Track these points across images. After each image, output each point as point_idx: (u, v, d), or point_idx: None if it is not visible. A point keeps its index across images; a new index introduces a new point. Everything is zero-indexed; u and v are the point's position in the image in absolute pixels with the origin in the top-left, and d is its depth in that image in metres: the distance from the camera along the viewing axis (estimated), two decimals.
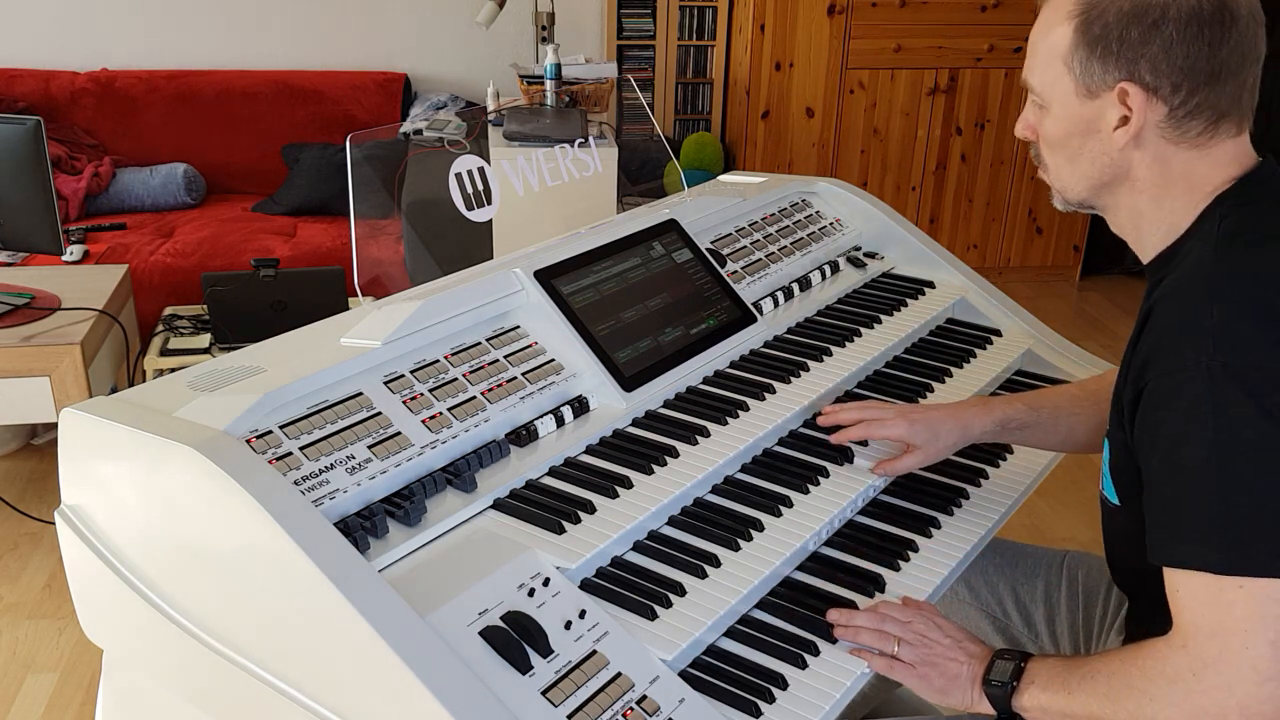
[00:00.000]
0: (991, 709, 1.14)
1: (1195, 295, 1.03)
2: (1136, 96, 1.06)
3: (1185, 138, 1.07)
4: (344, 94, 4.30)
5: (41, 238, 2.57)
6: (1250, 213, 1.07)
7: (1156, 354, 1.04)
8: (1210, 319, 1.00)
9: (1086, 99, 1.10)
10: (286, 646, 1.04)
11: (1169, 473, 1.02)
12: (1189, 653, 0.98)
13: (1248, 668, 0.94)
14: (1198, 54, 1.03)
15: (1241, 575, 0.95)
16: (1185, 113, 1.06)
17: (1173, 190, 1.11)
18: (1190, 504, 0.99)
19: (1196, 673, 0.97)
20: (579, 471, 1.30)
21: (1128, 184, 1.13)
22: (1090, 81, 1.09)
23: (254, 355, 1.29)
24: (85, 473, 1.18)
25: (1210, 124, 1.07)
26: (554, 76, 3.40)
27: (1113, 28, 1.06)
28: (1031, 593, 1.55)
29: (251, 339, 1.64)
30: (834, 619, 1.18)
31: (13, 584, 2.63)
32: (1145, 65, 1.05)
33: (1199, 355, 0.99)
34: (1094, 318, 4.46)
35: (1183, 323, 1.03)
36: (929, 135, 4.49)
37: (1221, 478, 0.97)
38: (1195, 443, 0.99)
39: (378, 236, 1.71)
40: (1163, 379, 1.03)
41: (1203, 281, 1.04)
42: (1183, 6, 1.03)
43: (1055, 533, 2.80)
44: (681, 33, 4.57)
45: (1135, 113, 1.07)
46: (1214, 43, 1.03)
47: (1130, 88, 1.06)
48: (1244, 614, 0.95)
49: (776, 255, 1.85)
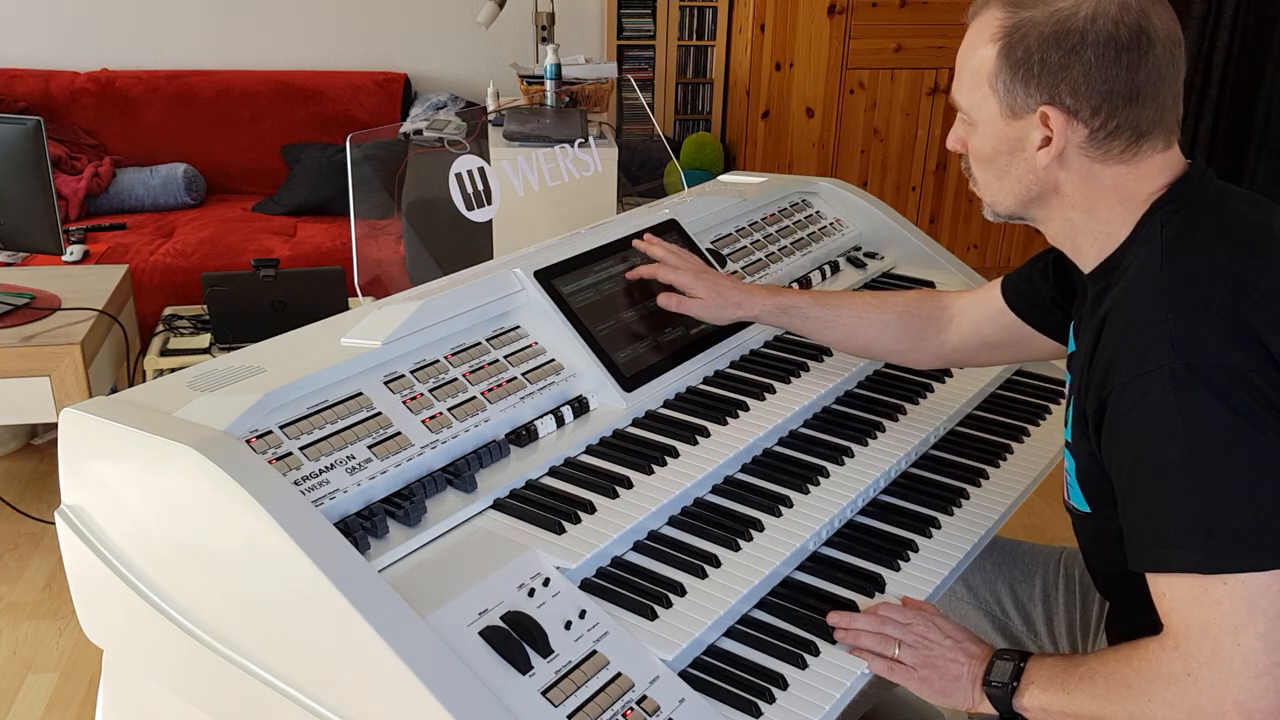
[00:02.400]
0: (993, 709, 1.14)
1: (1149, 302, 1.04)
2: (1057, 119, 1.08)
3: (1109, 156, 1.09)
4: (344, 94, 4.30)
5: (41, 238, 2.57)
6: (1188, 216, 1.09)
7: (1117, 363, 1.05)
8: (1167, 323, 1.01)
9: (1011, 119, 1.11)
10: (286, 646, 1.04)
11: (1142, 478, 1.02)
12: (1182, 653, 0.98)
13: (1240, 663, 0.94)
14: (1115, 77, 1.05)
15: (1225, 573, 0.95)
16: (1106, 134, 1.08)
17: (1104, 203, 1.12)
18: (1167, 507, 0.99)
19: (1191, 673, 0.97)
20: (579, 471, 1.30)
21: (1057, 198, 1.14)
22: (1014, 103, 1.10)
23: (254, 355, 1.29)
24: (85, 473, 1.18)
25: (1132, 142, 1.09)
26: (554, 76, 3.40)
27: (1034, 51, 1.07)
28: (1029, 591, 1.55)
29: (251, 339, 1.64)
30: (834, 622, 1.18)
31: (13, 584, 2.63)
32: (1065, 89, 1.07)
33: (1160, 359, 1.00)
34: None
35: (1141, 330, 1.04)
36: (929, 135, 4.49)
37: (1196, 478, 0.97)
38: (1166, 446, 0.99)
39: (378, 236, 1.71)
40: (1127, 386, 1.03)
41: (1155, 287, 1.05)
42: (1101, 31, 1.05)
43: (1055, 532, 2.79)
44: (681, 33, 4.57)
45: (1056, 134, 1.08)
46: (1131, 66, 1.05)
47: (1050, 111, 1.08)
48: (1231, 610, 0.95)
49: (776, 255, 1.85)
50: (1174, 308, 1.02)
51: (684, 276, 1.53)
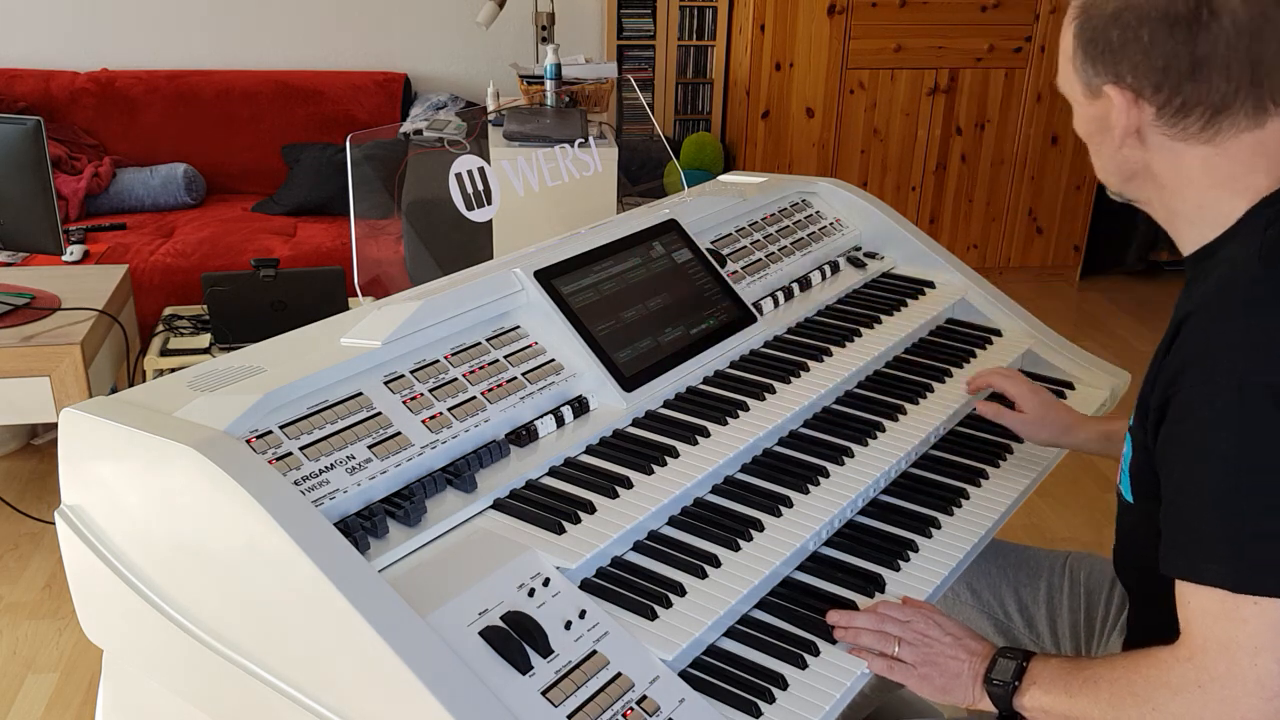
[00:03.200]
0: (993, 707, 1.14)
1: (1233, 308, 1.01)
2: (1122, 99, 1.07)
3: (1188, 134, 1.07)
4: (344, 94, 4.30)
5: (41, 238, 2.57)
6: None
7: (1189, 365, 1.02)
8: (1247, 334, 0.99)
9: (1091, 99, 1.11)
10: (286, 646, 1.04)
11: (1191, 485, 1.00)
12: (1195, 665, 0.97)
13: (1254, 684, 0.94)
14: (1173, 53, 1.03)
15: (1257, 594, 0.94)
16: (1174, 111, 1.06)
17: (1195, 186, 1.09)
18: (1209, 519, 0.98)
19: (1202, 685, 0.96)
20: (579, 471, 1.30)
21: (1150, 179, 1.12)
22: (1089, 83, 1.10)
23: (254, 355, 1.29)
24: (85, 473, 1.18)
25: (1209, 120, 1.05)
26: (554, 76, 3.40)
27: (1099, 31, 1.07)
28: (1034, 594, 1.55)
29: (251, 339, 1.64)
30: (833, 620, 1.18)
31: (13, 584, 2.63)
32: (1126, 67, 1.06)
33: (1232, 370, 0.98)
34: (1094, 318, 4.46)
35: (1219, 335, 1.01)
36: (929, 135, 4.49)
37: (1245, 495, 0.96)
38: (1219, 457, 0.98)
39: (378, 236, 1.71)
40: (1193, 391, 1.01)
41: (1242, 295, 1.02)
42: (1155, 6, 1.03)
43: (1055, 533, 2.80)
44: (681, 33, 4.57)
45: (1125, 114, 1.08)
46: (1190, 40, 1.02)
47: (1113, 90, 1.07)
48: (1255, 631, 0.94)
49: (776, 255, 1.85)
50: (1258, 318, 0.99)
51: (1019, 388, 1.54)
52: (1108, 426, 1.49)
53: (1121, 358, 3.95)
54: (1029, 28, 4.37)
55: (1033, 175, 4.60)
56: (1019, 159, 4.56)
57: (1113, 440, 1.47)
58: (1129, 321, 4.42)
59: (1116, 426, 1.47)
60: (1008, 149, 4.55)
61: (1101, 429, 1.49)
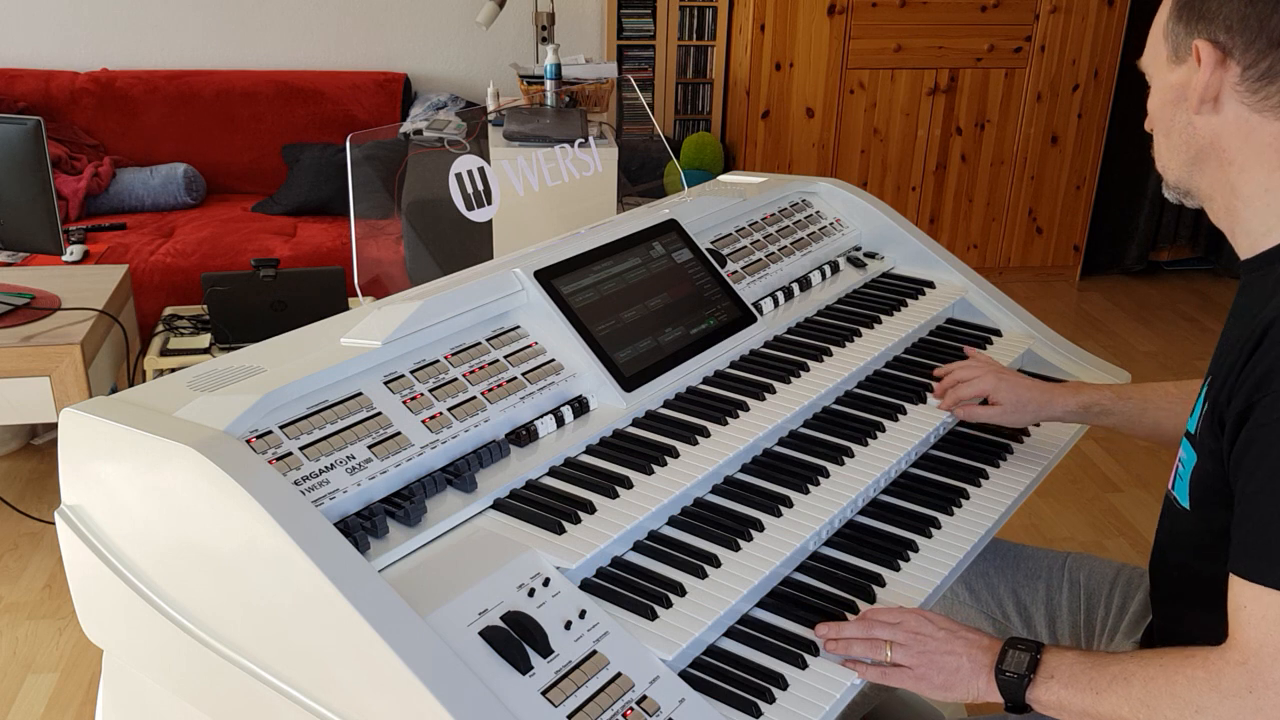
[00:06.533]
0: (999, 698, 1.11)
1: None
2: (1210, 56, 1.06)
3: (1268, 105, 1.05)
4: (344, 94, 4.30)
5: (41, 238, 2.57)
6: None
7: (1277, 372, 1.00)
8: None
9: (1175, 64, 1.11)
10: (286, 646, 1.04)
11: (1271, 489, 0.99)
12: (1249, 669, 0.95)
13: None
14: (1270, 13, 1.02)
15: None
16: (1259, 74, 1.04)
17: (1267, 164, 1.07)
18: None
19: (1254, 690, 0.95)
20: (579, 471, 1.30)
21: (1217, 160, 1.10)
22: (1176, 44, 1.10)
23: (254, 355, 1.29)
24: (85, 473, 1.18)
25: None
26: (554, 76, 3.40)
27: None
28: (1033, 595, 1.54)
29: (251, 339, 1.65)
30: (822, 633, 1.15)
31: (13, 584, 2.63)
32: (1220, 24, 1.05)
33: None
34: (1094, 318, 4.46)
35: None
36: (929, 135, 4.49)
37: None
38: None
39: (378, 236, 1.71)
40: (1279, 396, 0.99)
41: None
42: None
43: (1055, 533, 2.80)
44: (681, 33, 4.57)
45: (1209, 71, 1.06)
46: None
47: (1202, 45, 1.06)
48: None
49: (776, 255, 1.85)
50: None
51: (985, 383, 1.53)
52: (1085, 398, 1.50)
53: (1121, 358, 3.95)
54: (1029, 28, 4.37)
55: (1033, 175, 4.60)
56: (1019, 159, 4.56)
57: (1090, 412, 1.50)
58: (1129, 321, 4.42)
59: (1095, 397, 1.49)
60: (1008, 149, 4.55)
61: (1080, 400, 1.50)
